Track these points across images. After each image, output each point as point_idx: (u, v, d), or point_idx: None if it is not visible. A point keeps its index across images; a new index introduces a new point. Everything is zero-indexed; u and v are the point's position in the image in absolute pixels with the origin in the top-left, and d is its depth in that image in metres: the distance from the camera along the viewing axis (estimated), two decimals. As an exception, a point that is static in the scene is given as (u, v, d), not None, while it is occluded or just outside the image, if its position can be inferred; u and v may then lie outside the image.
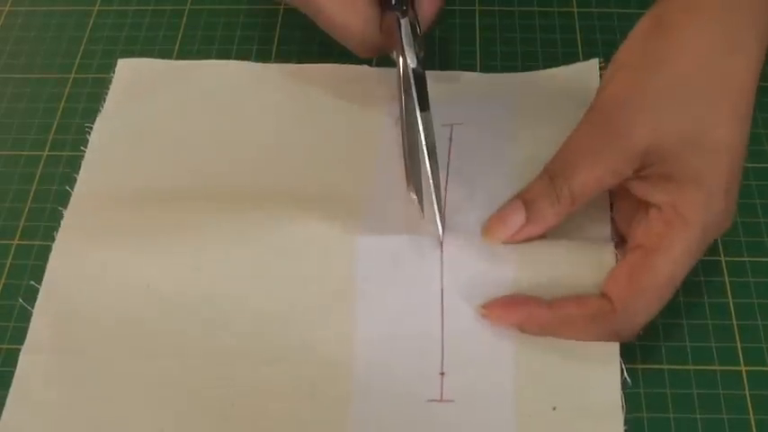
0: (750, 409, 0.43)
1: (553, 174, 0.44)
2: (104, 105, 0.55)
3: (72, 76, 0.58)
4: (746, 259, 0.48)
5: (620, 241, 0.45)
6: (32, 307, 0.47)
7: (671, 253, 0.41)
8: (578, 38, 0.58)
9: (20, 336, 0.47)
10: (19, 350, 0.46)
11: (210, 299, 0.46)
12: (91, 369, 0.45)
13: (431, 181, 0.45)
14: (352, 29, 0.48)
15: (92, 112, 0.55)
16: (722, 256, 0.48)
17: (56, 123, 0.56)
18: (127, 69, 0.57)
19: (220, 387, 0.45)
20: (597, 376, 0.44)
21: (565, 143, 0.44)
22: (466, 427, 0.43)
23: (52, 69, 0.59)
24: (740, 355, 0.45)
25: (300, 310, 0.46)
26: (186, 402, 0.44)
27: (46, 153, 0.55)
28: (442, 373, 0.44)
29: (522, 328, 0.44)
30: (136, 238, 0.48)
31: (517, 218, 0.45)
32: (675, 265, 0.42)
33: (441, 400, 0.44)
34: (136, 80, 0.57)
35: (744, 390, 0.44)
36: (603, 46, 0.57)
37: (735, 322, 0.46)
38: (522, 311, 0.44)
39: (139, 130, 0.54)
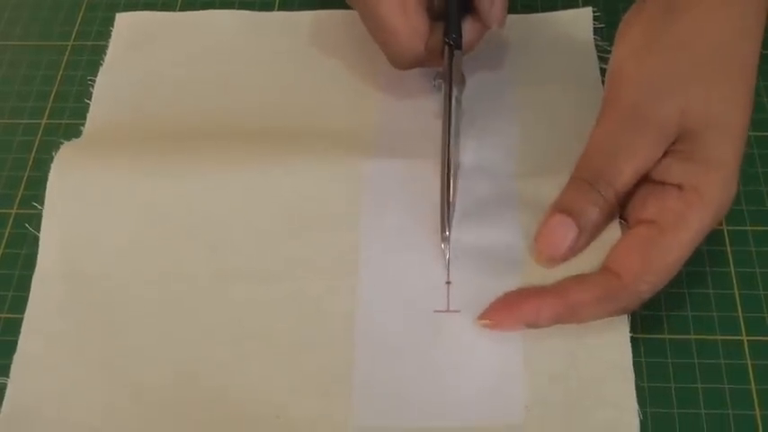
0: (752, 379, 0.43)
1: (592, 179, 0.42)
2: (105, 59, 0.56)
3: (70, 43, 0.58)
4: (748, 228, 0.48)
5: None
6: (32, 275, 0.47)
7: (688, 231, 0.41)
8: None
9: (19, 305, 0.46)
10: (18, 319, 0.46)
11: (216, 219, 0.47)
12: (99, 294, 0.46)
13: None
14: (400, 36, 0.46)
15: (91, 80, 0.55)
16: (724, 225, 0.48)
17: (54, 91, 0.56)
18: (126, 22, 0.58)
19: (228, 308, 0.45)
20: None
21: (592, 142, 0.43)
22: (472, 337, 0.43)
23: (50, 37, 0.59)
24: (742, 325, 0.45)
25: (304, 228, 0.46)
26: (196, 325, 0.45)
27: (44, 121, 0.54)
28: (449, 282, 0.44)
29: (532, 326, 0.42)
30: (139, 162, 0.48)
31: (569, 232, 0.43)
32: (690, 243, 0.41)
33: (447, 311, 0.44)
34: (136, 32, 0.57)
35: (745, 360, 0.44)
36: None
37: (737, 292, 0.46)
38: (529, 309, 0.42)
39: (142, 80, 0.55)
